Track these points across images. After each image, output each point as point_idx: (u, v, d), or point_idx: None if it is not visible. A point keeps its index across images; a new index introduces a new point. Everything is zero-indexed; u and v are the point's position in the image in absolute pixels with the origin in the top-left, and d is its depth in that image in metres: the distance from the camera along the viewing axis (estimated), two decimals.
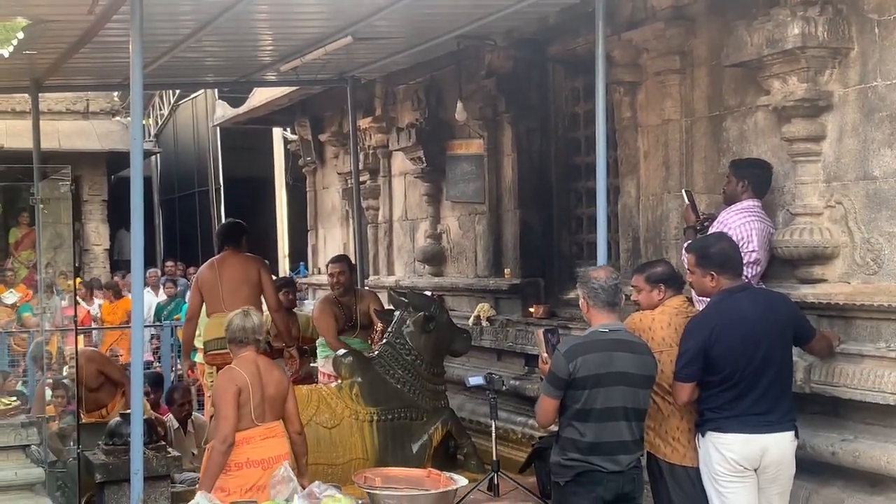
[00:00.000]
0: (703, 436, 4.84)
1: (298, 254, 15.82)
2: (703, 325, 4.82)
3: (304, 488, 4.87)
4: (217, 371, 7.06)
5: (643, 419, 4.76)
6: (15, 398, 5.96)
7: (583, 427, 4.64)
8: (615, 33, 6.53)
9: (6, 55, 6.78)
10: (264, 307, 7.30)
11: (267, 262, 8.51)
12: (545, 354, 4.94)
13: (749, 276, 5.31)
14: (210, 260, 7.67)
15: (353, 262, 9.44)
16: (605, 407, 4.62)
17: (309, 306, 10.52)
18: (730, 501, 4.76)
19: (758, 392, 4.73)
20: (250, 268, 7.43)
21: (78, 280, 15.21)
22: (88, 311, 12.89)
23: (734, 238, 5.25)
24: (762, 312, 4.81)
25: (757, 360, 4.73)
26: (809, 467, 5.10)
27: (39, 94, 9.22)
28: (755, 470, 4.75)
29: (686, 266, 5.06)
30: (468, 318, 8.24)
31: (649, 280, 5.18)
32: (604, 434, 4.63)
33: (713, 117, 6.12)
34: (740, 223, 5.43)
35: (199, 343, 7.88)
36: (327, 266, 8.73)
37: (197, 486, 5.61)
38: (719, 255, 4.88)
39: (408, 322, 6.84)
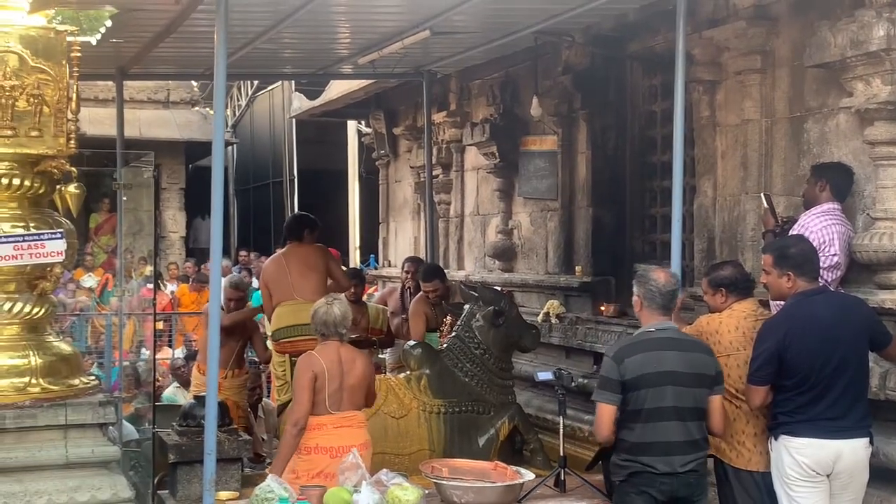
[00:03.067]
0: (775, 439, 4.78)
1: (369, 246, 15.93)
2: (778, 328, 4.76)
3: None
4: (290, 359, 7.19)
5: (701, 419, 4.69)
6: (94, 377, 6.10)
7: (633, 427, 4.64)
8: (695, 31, 6.47)
9: (94, 43, 6.95)
10: None
11: (335, 251, 8.64)
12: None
13: (829, 280, 5.23)
14: (274, 255, 7.91)
15: (424, 256, 9.58)
16: (653, 407, 4.59)
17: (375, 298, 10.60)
18: None
19: (832, 397, 4.66)
20: (317, 257, 7.59)
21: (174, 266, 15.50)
22: (171, 301, 13.10)
23: (815, 242, 5.17)
24: (838, 316, 4.74)
25: (832, 364, 4.65)
26: (882, 475, 5.01)
27: (123, 83, 9.44)
28: (828, 476, 4.68)
29: (763, 267, 5.00)
30: (537, 315, 8.23)
31: (711, 283, 5.15)
32: (653, 434, 4.61)
33: (794, 118, 6.03)
34: (821, 226, 5.34)
35: (267, 331, 8.01)
36: (403, 264, 8.90)
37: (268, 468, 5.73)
38: (799, 255, 4.81)
39: (477, 316, 6.85)
